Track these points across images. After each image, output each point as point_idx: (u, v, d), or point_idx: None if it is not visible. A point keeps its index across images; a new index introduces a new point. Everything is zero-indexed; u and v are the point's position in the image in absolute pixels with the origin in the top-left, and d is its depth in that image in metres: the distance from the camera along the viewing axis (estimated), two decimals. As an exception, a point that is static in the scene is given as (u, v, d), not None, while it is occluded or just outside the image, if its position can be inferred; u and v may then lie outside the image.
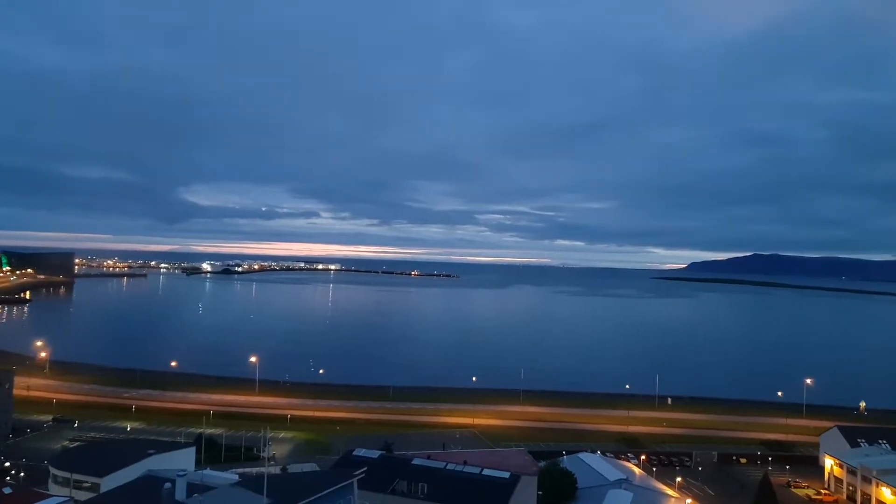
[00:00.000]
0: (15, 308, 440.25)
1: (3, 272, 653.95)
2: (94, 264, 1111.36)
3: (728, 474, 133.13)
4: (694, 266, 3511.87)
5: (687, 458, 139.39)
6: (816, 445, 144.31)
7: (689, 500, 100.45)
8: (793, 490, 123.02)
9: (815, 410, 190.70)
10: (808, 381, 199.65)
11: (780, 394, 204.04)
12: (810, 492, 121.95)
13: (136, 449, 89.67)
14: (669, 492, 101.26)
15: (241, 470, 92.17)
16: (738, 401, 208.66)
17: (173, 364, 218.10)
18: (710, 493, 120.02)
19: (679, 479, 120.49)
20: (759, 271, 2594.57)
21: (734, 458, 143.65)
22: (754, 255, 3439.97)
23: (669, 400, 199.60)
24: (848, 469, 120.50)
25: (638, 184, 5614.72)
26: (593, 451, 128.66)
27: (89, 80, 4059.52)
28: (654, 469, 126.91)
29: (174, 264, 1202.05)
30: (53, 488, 77.95)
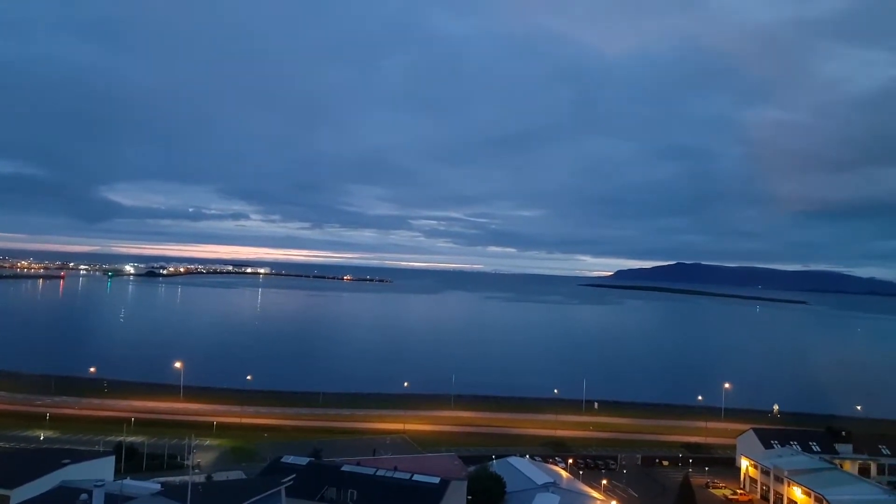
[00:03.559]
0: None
1: None
2: (5, 265, 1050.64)
3: (651, 476, 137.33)
4: (620, 274, 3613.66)
5: (612, 461, 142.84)
6: (734, 447, 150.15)
7: (613, 502, 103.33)
8: (711, 490, 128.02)
9: (732, 414, 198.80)
10: (727, 385, 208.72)
11: (700, 398, 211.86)
12: (727, 492, 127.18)
13: (49, 458, 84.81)
14: (595, 494, 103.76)
15: (163, 479, 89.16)
16: (661, 405, 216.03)
17: (92, 370, 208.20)
18: (633, 494, 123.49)
19: (605, 481, 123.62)
20: (682, 279, 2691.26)
21: (657, 460, 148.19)
22: (677, 263, 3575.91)
23: (596, 404, 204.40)
24: (762, 469, 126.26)
25: (568, 193, 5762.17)
26: (522, 456, 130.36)
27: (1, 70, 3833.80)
28: (581, 472, 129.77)
29: (94, 265, 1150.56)
30: (-43, 502, 73.29)
